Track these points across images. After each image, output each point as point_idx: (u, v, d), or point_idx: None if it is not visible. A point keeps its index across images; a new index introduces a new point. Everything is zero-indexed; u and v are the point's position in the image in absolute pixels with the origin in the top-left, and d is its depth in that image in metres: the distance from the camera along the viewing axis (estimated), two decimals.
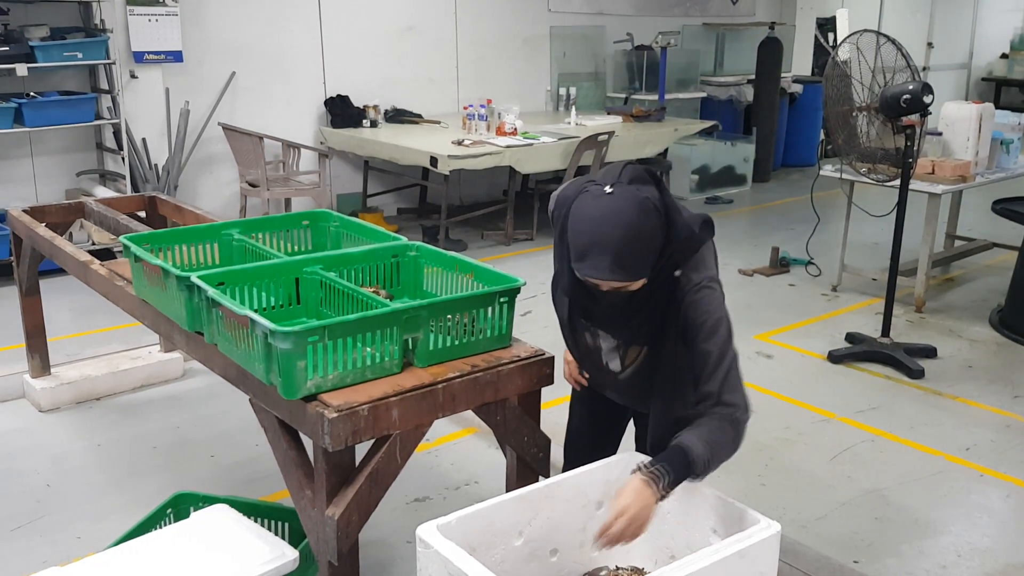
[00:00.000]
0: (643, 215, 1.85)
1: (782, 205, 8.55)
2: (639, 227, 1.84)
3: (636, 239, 1.85)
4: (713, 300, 2.00)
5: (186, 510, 2.77)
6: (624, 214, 1.84)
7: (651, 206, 1.88)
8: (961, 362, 4.80)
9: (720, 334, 1.98)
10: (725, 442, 1.96)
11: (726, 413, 1.96)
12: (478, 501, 3.32)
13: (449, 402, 2.20)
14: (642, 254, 1.88)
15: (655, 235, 1.89)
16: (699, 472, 1.92)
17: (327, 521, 2.08)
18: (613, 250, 1.84)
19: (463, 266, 2.58)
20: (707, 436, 1.94)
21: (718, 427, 1.96)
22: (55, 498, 3.37)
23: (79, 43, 5.85)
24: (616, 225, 1.83)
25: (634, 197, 1.86)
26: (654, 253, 1.91)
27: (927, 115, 4.52)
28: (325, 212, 3.14)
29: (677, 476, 1.90)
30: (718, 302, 2.01)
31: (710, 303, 1.99)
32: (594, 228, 1.85)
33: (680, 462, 1.90)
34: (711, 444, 1.93)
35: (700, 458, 1.90)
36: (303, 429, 2.11)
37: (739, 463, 3.65)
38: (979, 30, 13.91)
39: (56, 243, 3.50)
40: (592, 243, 1.85)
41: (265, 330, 2.04)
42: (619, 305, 1.99)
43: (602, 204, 1.86)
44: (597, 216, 1.85)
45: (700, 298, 1.99)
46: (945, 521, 3.30)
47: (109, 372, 4.23)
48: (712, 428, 1.95)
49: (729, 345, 2.00)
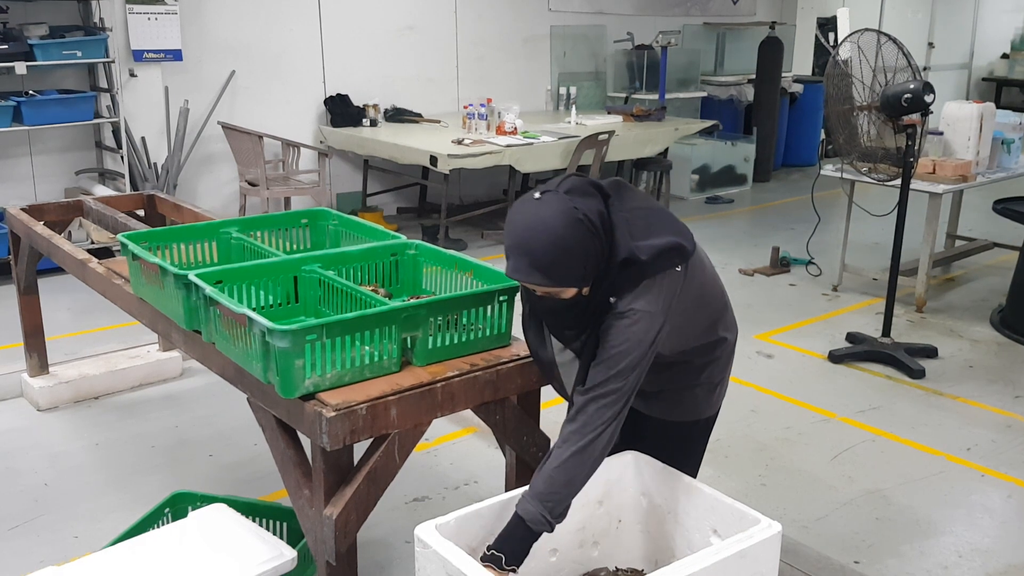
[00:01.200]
0: (564, 223, 1.83)
1: (782, 205, 8.54)
2: (558, 234, 1.83)
3: (554, 246, 1.83)
4: (629, 331, 1.91)
5: (184, 509, 2.76)
6: (544, 220, 1.84)
7: (578, 217, 1.84)
8: (962, 362, 4.79)
9: (620, 368, 1.90)
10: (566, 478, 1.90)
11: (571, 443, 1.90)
12: (477, 501, 3.34)
13: (448, 401, 2.18)
14: (562, 262, 1.84)
15: (581, 246, 1.85)
16: (542, 528, 1.90)
17: (325, 521, 2.06)
18: (529, 253, 1.84)
19: (462, 264, 2.56)
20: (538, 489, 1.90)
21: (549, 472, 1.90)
22: (53, 497, 3.36)
23: (78, 41, 5.83)
24: (534, 230, 1.84)
25: (561, 205, 1.85)
26: (580, 264, 1.86)
27: (928, 114, 4.51)
28: (324, 211, 3.13)
29: (518, 547, 1.90)
30: (635, 335, 1.91)
31: (626, 332, 1.91)
32: (515, 231, 1.87)
33: (519, 533, 1.90)
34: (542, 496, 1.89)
35: (534, 515, 1.88)
36: (301, 428, 2.10)
37: (740, 463, 3.67)
38: (980, 30, 13.90)
39: (54, 242, 3.49)
40: (512, 244, 1.88)
41: (263, 328, 2.03)
42: (556, 310, 1.97)
43: (527, 209, 1.87)
44: (519, 220, 1.87)
45: (620, 325, 1.91)
46: (946, 521, 3.29)
47: (107, 371, 4.21)
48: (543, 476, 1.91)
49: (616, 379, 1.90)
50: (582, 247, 1.85)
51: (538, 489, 1.90)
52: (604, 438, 1.91)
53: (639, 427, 2.33)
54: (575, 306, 1.94)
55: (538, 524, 1.89)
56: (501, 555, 1.88)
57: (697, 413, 2.27)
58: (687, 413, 2.26)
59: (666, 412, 2.25)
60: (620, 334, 1.91)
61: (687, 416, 2.26)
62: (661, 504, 2.09)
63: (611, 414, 1.91)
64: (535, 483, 1.91)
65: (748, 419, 4.07)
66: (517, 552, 1.90)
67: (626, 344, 1.90)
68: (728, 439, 3.85)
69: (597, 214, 1.89)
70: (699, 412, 2.27)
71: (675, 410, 2.25)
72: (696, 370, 2.19)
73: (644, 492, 2.12)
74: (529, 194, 1.90)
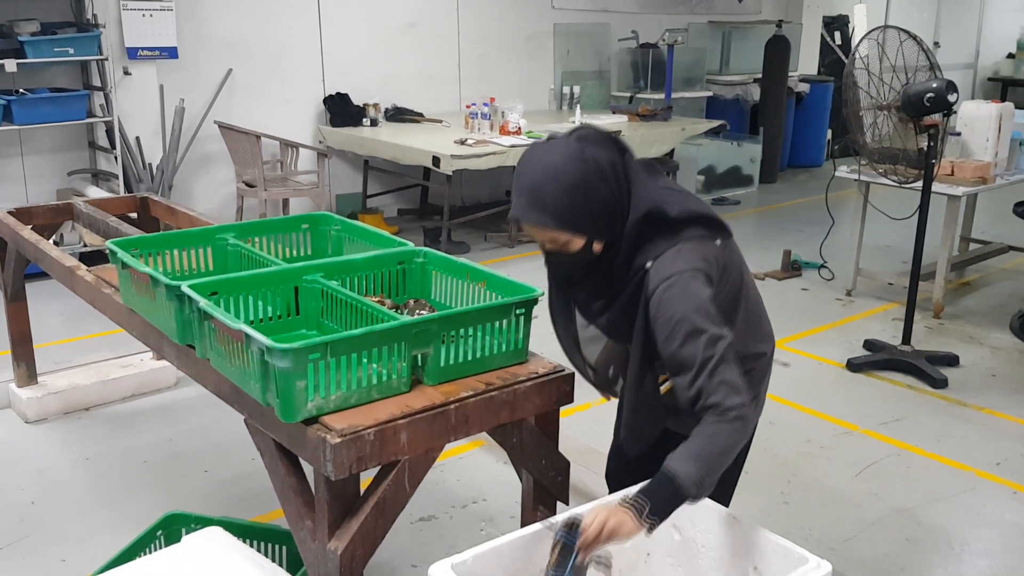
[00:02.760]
0: (568, 162, 1.78)
1: (790, 206, 8.38)
2: (560, 171, 1.78)
3: (555, 183, 1.77)
4: (682, 295, 1.78)
5: (177, 532, 2.61)
6: (550, 156, 1.81)
7: (584, 158, 1.79)
8: (984, 371, 4.63)
9: (691, 335, 1.76)
10: (722, 445, 1.76)
11: (713, 418, 1.77)
12: (486, 520, 3.19)
13: (462, 424, 2.02)
14: (563, 201, 1.77)
15: (585, 187, 1.78)
16: (693, 494, 1.74)
17: (329, 555, 1.90)
18: (529, 188, 1.80)
19: (474, 274, 2.40)
20: (697, 448, 1.75)
21: (710, 432, 1.76)
22: (40, 517, 3.19)
23: (70, 38, 5.66)
24: (538, 165, 1.81)
25: (568, 147, 1.81)
26: (584, 207, 1.78)
27: (950, 115, 4.35)
28: (326, 215, 2.96)
29: (664, 504, 1.73)
30: (688, 295, 1.78)
31: (678, 299, 1.78)
32: (520, 171, 1.84)
33: (667, 490, 1.73)
34: (703, 456, 1.74)
35: (689, 479, 1.72)
36: (303, 455, 1.94)
37: (760, 480, 3.50)
38: (985, 30, 13.77)
39: (41, 247, 3.32)
40: (516, 185, 1.84)
41: (262, 347, 1.86)
42: (568, 269, 1.88)
43: (534, 149, 1.86)
44: (525, 159, 1.85)
45: (666, 297, 1.79)
46: (981, 543, 3.13)
47: (98, 381, 4.05)
48: (702, 435, 1.77)
49: (704, 345, 1.76)
50: (587, 189, 1.78)
51: (699, 450, 1.74)
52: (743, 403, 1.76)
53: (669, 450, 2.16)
54: (588, 266, 1.85)
55: (689, 487, 1.71)
56: (647, 503, 1.71)
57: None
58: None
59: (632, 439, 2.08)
60: (670, 304, 1.78)
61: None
62: (695, 538, 1.93)
63: (730, 377, 1.76)
64: (689, 448, 1.75)
65: (767, 431, 3.90)
66: (661, 508, 1.72)
67: (681, 308, 1.76)
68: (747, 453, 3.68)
69: (608, 161, 1.82)
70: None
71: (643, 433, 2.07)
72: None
73: (675, 524, 1.96)
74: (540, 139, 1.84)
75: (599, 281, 1.88)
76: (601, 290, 1.90)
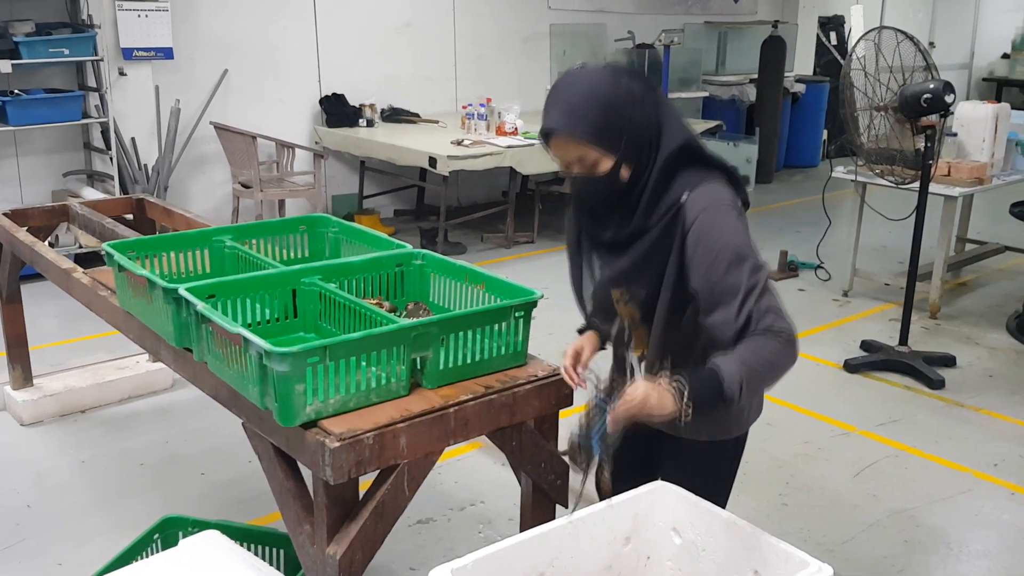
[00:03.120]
0: (605, 83, 1.78)
1: (787, 207, 8.38)
2: (597, 89, 1.78)
3: (590, 97, 1.77)
4: (724, 224, 1.76)
5: (174, 536, 2.60)
6: (585, 76, 1.82)
7: (619, 82, 1.79)
8: (981, 371, 4.63)
9: (734, 262, 1.73)
10: (768, 358, 1.72)
11: (763, 336, 1.73)
12: (484, 522, 3.18)
13: (462, 427, 2.01)
14: (597, 114, 1.76)
15: (618, 104, 1.77)
16: (731, 394, 1.70)
17: (328, 560, 1.89)
18: (564, 102, 1.80)
19: (473, 276, 2.39)
20: (742, 354, 1.72)
21: (757, 344, 1.72)
22: (36, 520, 3.17)
23: (65, 39, 5.64)
24: (573, 83, 1.82)
25: (603, 71, 1.82)
26: (616, 125, 1.76)
27: (947, 115, 4.35)
28: (323, 217, 2.95)
29: (703, 395, 1.70)
30: (729, 224, 1.76)
31: (720, 228, 1.75)
32: (554, 89, 1.84)
33: (709, 383, 1.70)
34: (747, 362, 1.71)
35: (732, 378, 1.69)
36: (302, 459, 1.92)
37: (759, 481, 3.50)
38: (980, 30, 13.79)
39: (37, 249, 3.31)
40: (549, 100, 1.83)
41: (260, 350, 1.85)
42: (591, 193, 1.85)
43: (569, 72, 1.87)
44: (560, 81, 1.85)
45: (707, 227, 1.75)
46: (979, 544, 3.13)
47: (94, 383, 4.03)
48: (749, 346, 1.73)
49: (749, 272, 1.73)
50: (620, 108, 1.77)
51: (743, 357, 1.71)
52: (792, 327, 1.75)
53: (657, 451, 2.15)
54: (615, 195, 1.82)
55: (731, 384, 1.69)
56: (686, 386, 1.68)
57: (729, 429, 2.07)
58: (719, 429, 2.06)
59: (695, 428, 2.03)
60: (711, 234, 1.75)
61: (718, 434, 2.06)
62: (695, 541, 1.92)
63: (776, 304, 1.75)
64: (735, 353, 1.72)
65: (765, 433, 3.90)
66: (700, 398, 1.69)
67: (723, 237, 1.74)
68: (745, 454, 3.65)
69: (640, 90, 1.81)
70: (731, 428, 2.07)
71: (704, 425, 2.00)
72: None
73: (675, 527, 1.95)
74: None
75: (626, 216, 1.84)
76: (627, 227, 1.85)
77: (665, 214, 1.80)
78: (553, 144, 1.83)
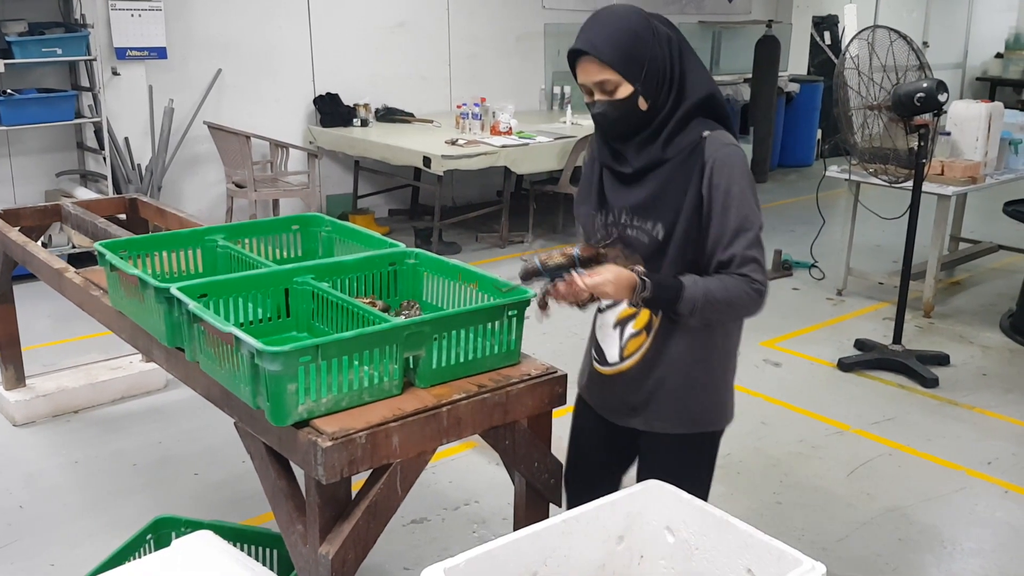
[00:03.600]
0: (635, 18, 1.92)
1: (781, 206, 8.39)
2: (627, 21, 1.91)
3: (619, 27, 1.91)
4: (742, 169, 1.92)
5: (167, 536, 2.59)
6: (618, 10, 1.94)
7: (650, 22, 1.94)
8: (975, 370, 4.64)
9: (740, 207, 1.90)
10: (731, 298, 1.91)
11: (737, 279, 1.91)
12: (479, 522, 3.18)
13: (454, 426, 2.01)
14: (623, 42, 1.90)
15: (645, 39, 1.91)
16: (684, 310, 1.90)
17: (320, 560, 1.88)
18: (594, 27, 1.92)
19: (466, 275, 2.38)
20: (709, 284, 1.91)
21: (728, 283, 1.91)
22: (28, 521, 3.16)
23: (58, 39, 5.62)
24: (606, 14, 1.94)
25: (637, 11, 1.95)
26: (640, 57, 1.90)
27: (940, 114, 4.36)
28: (316, 216, 2.94)
29: (660, 299, 1.90)
30: (745, 172, 1.93)
31: (738, 171, 1.91)
32: (588, 19, 1.96)
33: (670, 292, 1.90)
34: (711, 292, 1.90)
35: (691, 298, 1.89)
36: (294, 459, 1.92)
37: (753, 480, 3.50)
38: (974, 29, 13.81)
39: (29, 249, 3.30)
40: (583, 27, 1.95)
41: (252, 350, 1.84)
42: (610, 117, 1.96)
43: (605, 7, 1.97)
44: (595, 14, 1.96)
45: (728, 165, 1.90)
46: (973, 542, 3.13)
47: (87, 383, 4.02)
48: (721, 281, 1.91)
49: (750, 221, 1.91)
50: (645, 42, 1.90)
51: (709, 286, 1.90)
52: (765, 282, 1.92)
53: (634, 446, 2.17)
54: (634, 123, 1.94)
55: (686, 303, 1.89)
56: (647, 288, 1.87)
57: (704, 424, 2.10)
58: (697, 421, 2.08)
59: (673, 420, 2.06)
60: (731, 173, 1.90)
61: (696, 426, 2.09)
62: (688, 539, 1.92)
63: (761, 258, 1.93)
64: (705, 282, 1.91)
65: (759, 432, 3.91)
66: (655, 299, 1.89)
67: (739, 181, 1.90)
68: (739, 454, 3.69)
69: (667, 34, 1.95)
70: (710, 420, 2.10)
71: (683, 417, 2.07)
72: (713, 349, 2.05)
73: (668, 526, 1.95)
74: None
75: (644, 147, 1.96)
76: (645, 157, 1.96)
77: (684, 148, 1.93)
78: (580, 66, 1.95)
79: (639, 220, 1.98)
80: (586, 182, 2.12)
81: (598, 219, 2.05)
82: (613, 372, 2.10)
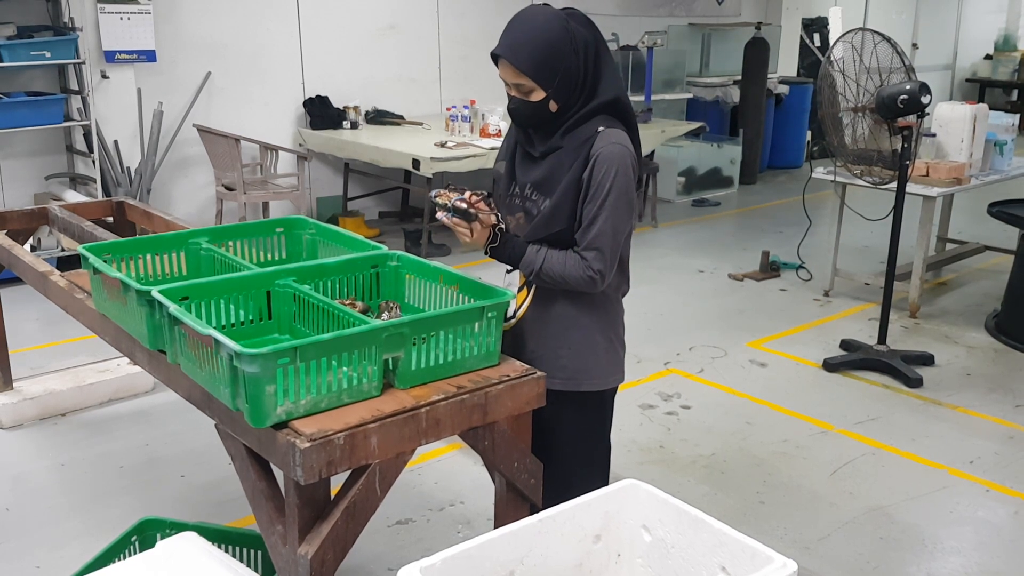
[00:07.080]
0: (553, 26, 2.08)
1: (770, 208, 8.42)
2: (544, 29, 2.08)
3: (536, 35, 2.08)
4: (622, 169, 2.11)
5: (152, 538, 2.60)
6: (539, 15, 2.11)
7: (568, 28, 2.09)
8: (959, 370, 4.67)
9: (605, 205, 2.12)
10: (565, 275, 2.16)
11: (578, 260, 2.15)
12: (464, 523, 3.20)
13: (433, 427, 2.02)
14: (538, 52, 2.08)
15: (558, 47, 2.08)
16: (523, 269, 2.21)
17: (300, 560, 1.90)
18: (515, 34, 2.11)
19: (447, 277, 2.40)
20: (552, 257, 2.17)
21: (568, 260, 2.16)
22: (14, 523, 3.17)
23: (47, 42, 5.63)
24: (527, 19, 2.11)
25: (557, 15, 2.11)
26: (551, 65, 2.08)
27: (924, 116, 4.39)
28: (300, 219, 2.95)
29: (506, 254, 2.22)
30: (626, 173, 2.12)
31: (618, 170, 2.11)
32: (513, 20, 2.15)
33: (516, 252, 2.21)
34: (550, 264, 2.17)
35: (529, 262, 2.19)
36: (273, 460, 1.93)
37: (737, 479, 3.53)
38: (963, 31, 13.87)
39: (14, 252, 3.30)
40: (505, 29, 2.15)
41: (230, 352, 1.86)
42: (523, 114, 2.19)
43: (530, 8, 2.15)
44: (520, 14, 2.14)
45: (609, 162, 2.10)
46: (953, 540, 3.16)
47: (75, 386, 4.03)
48: (565, 258, 2.17)
49: (612, 218, 2.13)
50: (560, 53, 2.08)
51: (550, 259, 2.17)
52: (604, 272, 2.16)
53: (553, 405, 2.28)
54: (543, 119, 2.17)
55: (526, 264, 2.20)
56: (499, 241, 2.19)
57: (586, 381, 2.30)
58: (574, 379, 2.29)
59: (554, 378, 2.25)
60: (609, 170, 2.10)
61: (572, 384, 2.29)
62: (664, 538, 1.93)
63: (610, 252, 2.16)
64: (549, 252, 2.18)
65: (744, 432, 3.93)
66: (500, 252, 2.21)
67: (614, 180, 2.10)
68: (724, 453, 3.71)
69: (584, 40, 2.12)
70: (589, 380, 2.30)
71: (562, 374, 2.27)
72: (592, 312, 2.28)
73: (645, 525, 1.97)
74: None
75: (550, 134, 2.19)
76: (546, 143, 2.20)
77: (579, 139, 2.15)
78: (500, 64, 2.16)
79: (536, 195, 2.22)
80: (505, 150, 2.39)
81: (511, 189, 2.32)
82: (509, 327, 2.33)
